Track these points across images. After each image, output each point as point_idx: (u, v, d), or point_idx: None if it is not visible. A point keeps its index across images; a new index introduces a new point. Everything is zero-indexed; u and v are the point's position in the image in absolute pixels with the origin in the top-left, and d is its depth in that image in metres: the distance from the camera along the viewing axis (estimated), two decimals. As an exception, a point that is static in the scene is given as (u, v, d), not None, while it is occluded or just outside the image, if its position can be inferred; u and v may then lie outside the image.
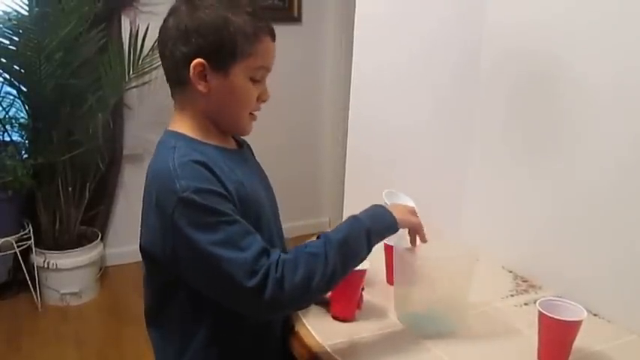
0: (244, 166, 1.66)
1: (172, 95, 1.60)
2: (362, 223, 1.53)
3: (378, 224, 1.56)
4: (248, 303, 1.42)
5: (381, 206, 1.61)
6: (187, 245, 1.39)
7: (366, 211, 1.59)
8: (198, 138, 1.55)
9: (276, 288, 1.37)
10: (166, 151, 1.48)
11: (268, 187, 1.77)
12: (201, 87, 1.49)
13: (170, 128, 1.59)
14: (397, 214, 1.59)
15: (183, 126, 1.56)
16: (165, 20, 1.53)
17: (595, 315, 1.77)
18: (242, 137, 1.77)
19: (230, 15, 1.47)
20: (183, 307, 1.55)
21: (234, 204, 1.45)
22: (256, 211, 1.57)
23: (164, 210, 1.41)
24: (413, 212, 1.66)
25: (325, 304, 1.74)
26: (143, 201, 1.53)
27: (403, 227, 1.61)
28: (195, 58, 1.47)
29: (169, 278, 1.52)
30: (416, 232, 1.65)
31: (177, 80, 1.54)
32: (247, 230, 1.43)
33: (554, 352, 1.53)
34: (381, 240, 1.58)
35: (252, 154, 1.83)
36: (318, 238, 1.51)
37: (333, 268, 1.44)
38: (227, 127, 1.63)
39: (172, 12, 1.52)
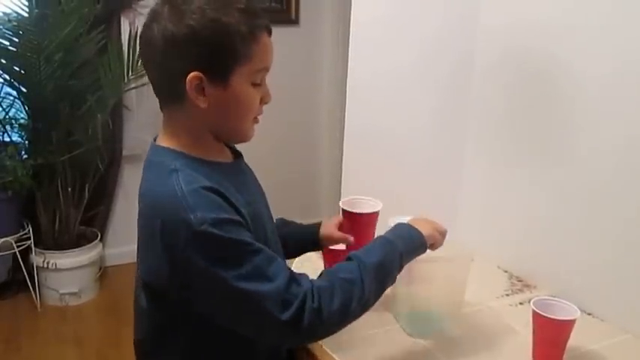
0: (243, 179, 1.56)
1: (162, 108, 1.44)
2: (395, 247, 1.45)
3: (409, 246, 1.49)
4: (283, 335, 1.35)
5: (409, 226, 1.54)
6: (210, 282, 1.28)
7: (396, 231, 1.52)
8: (196, 155, 1.42)
9: (313, 318, 1.28)
10: (166, 175, 1.34)
11: (263, 195, 1.66)
12: (199, 102, 1.35)
13: (161, 144, 1.45)
14: (424, 231, 1.53)
15: (177, 142, 1.42)
16: (147, 26, 1.37)
17: (589, 314, 1.79)
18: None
19: (222, 17, 1.32)
20: (187, 342, 1.44)
21: (248, 228, 1.35)
22: (263, 227, 1.50)
23: (174, 245, 1.28)
24: (435, 225, 1.59)
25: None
26: (141, 231, 1.40)
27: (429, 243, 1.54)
28: (190, 72, 1.32)
29: (175, 313, 1.41)
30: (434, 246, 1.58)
31: (170, 94, 1.40)
32: (270, 257, 1.33)
33: (548, 351, 1.55)
34: (410, 260, 1.51)
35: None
36: (347, 257, 1.43)
37: (369, 294, 1.37)
38: (229, 137, 1.52)
39: (154, 17, 1.35)
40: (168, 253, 1.30)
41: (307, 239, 1.84)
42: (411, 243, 1.50)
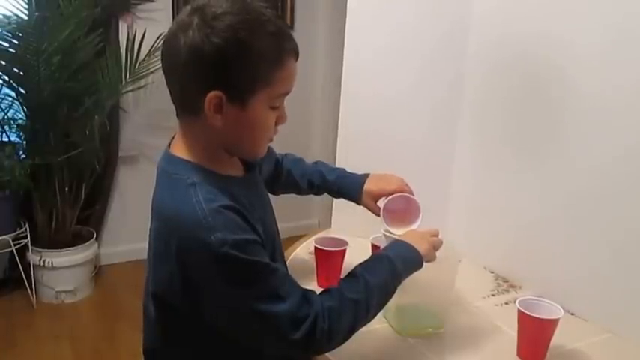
0: (256, 194, 1.54)
1: (178, 116, 1.40)
2: (397, 267, 1.46)
3: (409, 266, 1.50)
4: (292, 351, 1.35)
5: (409, 245, 1.54)
6: (224, 301, 1.29)
7: (396, 250, 1.53)
8: (211, 168, 1.38)
9: (323, 338, 1.29)
10: (183, 189, 1.31)
11: (272, 208, 1.64)
12: (215, 120, 1.31)
13: (175, 153, 1.41)
14: (421, 250, 1.53)
15: (191, 153, 1.39)
16: (173, 34, 1.30)
17: (572, 314, 1.81)
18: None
19: (252, 40, 1.27)
20: (195, 351, 1.43)
21: (263, 245, 1.33)
22: (272, 242, 1.50)
23: (191, 263, 1.28)
24: (431, 240, 1.60)
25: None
26: (154, 243, 1.39)
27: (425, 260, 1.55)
28: (210, 89, 1.27)
29: (183, 323, 1.41)
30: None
31: (186, 106, 1.37)
32: (284, 275, 1.33)
33: (532, 349, 1.58)
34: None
35: (260, 172, 1.69)
36: (352, 274, 1.44)
37: (372, 313, 1.41)
38: (241, 154, 1.49)
39: (182, 28, 1.28)
40: (183, 270, 1.29)
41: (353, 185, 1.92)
42: (410, 263, 1.51)
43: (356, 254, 1.67)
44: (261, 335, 1.32)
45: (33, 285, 4.11)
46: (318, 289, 1.41)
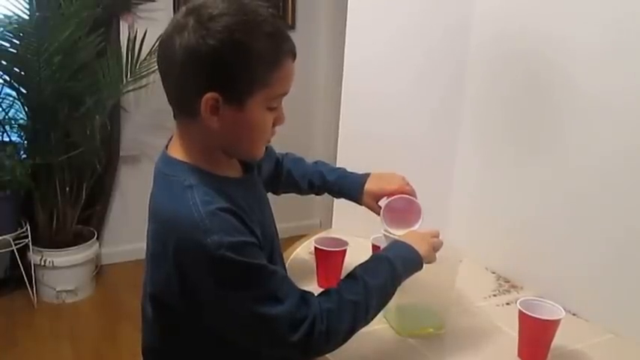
0: (254, 195, 1.52)
1: (175, 117, 1.40)
2: (397, 269, 1.46)
3: (408, 268, 1.50)
4: (291, 353, 1.33)
5: (409, 246, 1.53)
6: (222, 303, 1.28)
7: (396, 251, 1.52)
8: (208, 169, 1.37)
9: (321, 340, 1.29)
10: (181, 191, 1.30)
11: (271, 210, 1.63)
12: (212, 122, 1.30)
13: (173, 155, 1.40)
14: (422, 251, 1.53)
15: (189, 155, 1.38)
16: (169, 35, 1.29)
17: (574, 315, 1.81)
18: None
19: (248, 41, 1.25)
20: (193, 351, 1.43)
21: (261, 247, 1.33)
22: (271, 244, 1.50)
23: (188, 265, 1.27)
24: (431, 241, 1.59)
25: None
26: (152, 244, 1.39)
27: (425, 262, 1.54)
28: (206, 91, 1.26)
29: (181, 323, 1.40)
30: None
31: (183, 108, 1.35)
32: (282, 278, 1.32)
33: (533, 350, 1.57)
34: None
35: (259, 172, 1.69)
36: (351, 275, 1.43)
37: (371, 315, 1.40)
38: (239, 156, 1.48)
39: (176, 28, 1.27)
40: (180, 272, 1.29)
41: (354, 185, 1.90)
42: (410, 264, 1.51)
43: (356, 254, 1.67)
44: (260, 337, 1.32)
45: (34, 285, 4.12)
46: (318, 290, 1.41)
